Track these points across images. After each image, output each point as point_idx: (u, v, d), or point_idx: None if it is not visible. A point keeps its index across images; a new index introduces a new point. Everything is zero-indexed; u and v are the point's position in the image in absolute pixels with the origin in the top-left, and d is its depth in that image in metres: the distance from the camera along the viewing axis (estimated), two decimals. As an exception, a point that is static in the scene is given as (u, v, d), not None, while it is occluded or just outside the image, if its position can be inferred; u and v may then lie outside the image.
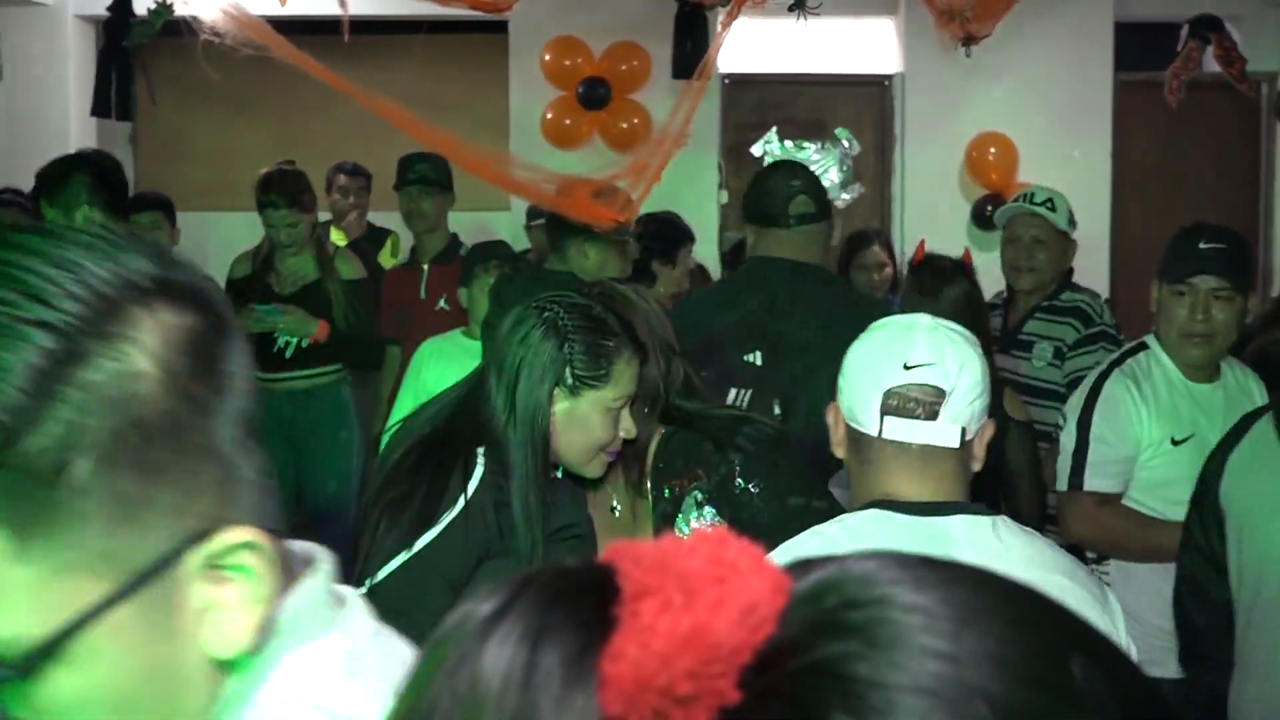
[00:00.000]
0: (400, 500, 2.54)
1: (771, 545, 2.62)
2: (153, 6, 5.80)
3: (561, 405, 2.60)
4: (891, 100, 8.81)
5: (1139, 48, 8.59)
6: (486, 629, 0.58)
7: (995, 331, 4.81)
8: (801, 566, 0.61)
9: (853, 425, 2.08)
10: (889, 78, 8.82)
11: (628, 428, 2.67)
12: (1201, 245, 3.59)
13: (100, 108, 6.36)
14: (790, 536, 2.26)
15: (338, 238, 7.02)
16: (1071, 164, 8.36)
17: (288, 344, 5.72)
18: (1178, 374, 3.60)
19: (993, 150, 8.40)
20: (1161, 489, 3.55)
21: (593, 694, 0.55)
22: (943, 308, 3.80)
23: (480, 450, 2.58)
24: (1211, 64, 7.29)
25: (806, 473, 2.82)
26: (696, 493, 2.71)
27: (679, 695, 0.55)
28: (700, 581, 0.56)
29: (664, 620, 0.55)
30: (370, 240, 7.23)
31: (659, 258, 5.75)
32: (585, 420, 2.62)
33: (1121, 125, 8.73)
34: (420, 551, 2.51)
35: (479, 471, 2.56)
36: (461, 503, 2.53)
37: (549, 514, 2.62)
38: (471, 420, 2.61)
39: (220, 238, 8.08)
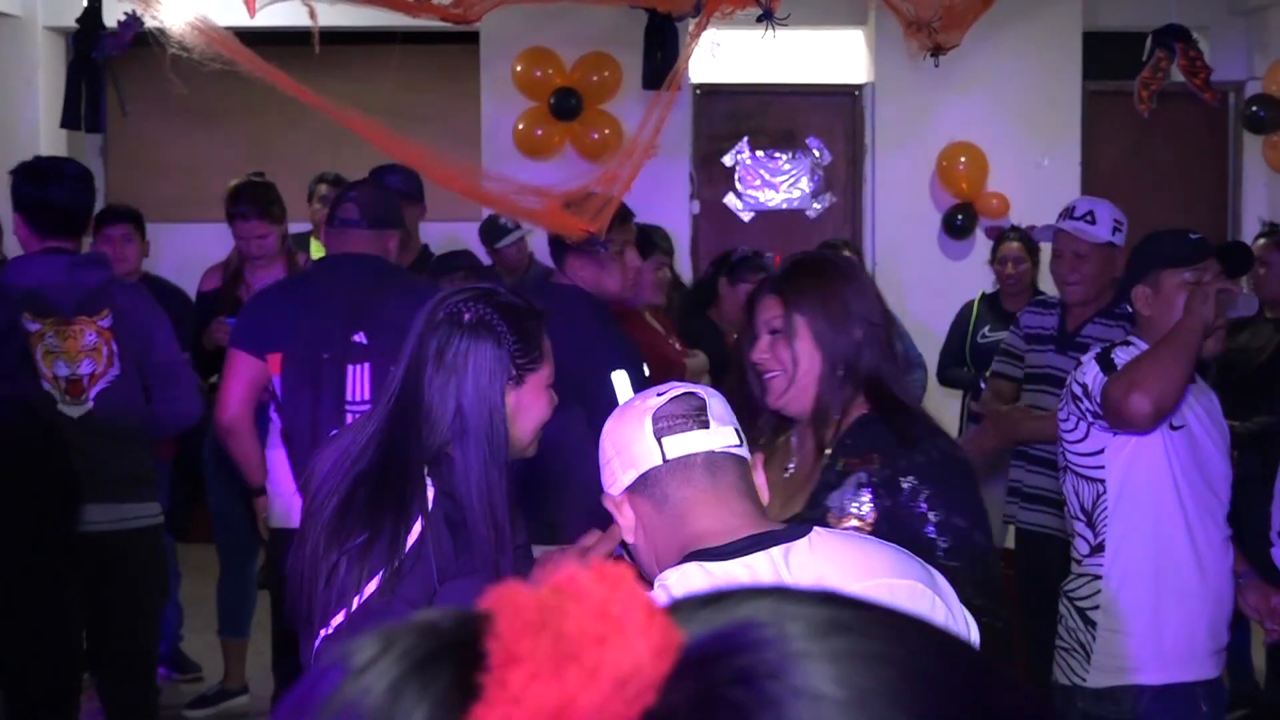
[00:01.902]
0: (367, 544, 2.45)
1: (919, 556, 2.58)
2: (122, 18, 5.78)
3: (509, 399, 2.57)
4: (862, 110, 8.84)
5: (1108, 57, 8.64)
6: (346, 690, 0.55)
7: (1052, 332, 4.88)
8: (698, 607, 0.58)
9: (635, 477, 2.07)
10: (859, 88, 8.86)
11: (553, 397, 2.66)
12: (1192, 236, 3.72)
13: (70, 119, 6.34)
14: (938, 550, 2.56)
15: (319, 251, 6.99)
16: (1041, 173, 8.41)
17: (259, 355, 5.71)
18: None
19: (963, 160, 8.44)
20: (1160, 474, 3.59)
21: None
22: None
23: (425, 471, 2.53)
24: (1179, 73, 7.34)
25: (978, 504, 2.76)
26: (863, 474, 2.66)
27: None
28: (578, 644, 0.52)
29: (531, 692, 0.52)
30: None
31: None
32: (530, 405, 2.60)
33: (1090, 134, 8.78)
34: (386, 582, 2.45)
35: (430, 490, 2.51)
36: (419, 527, 2.48)
37: (518, 520, 2.60)
38: (412, 444, 2.54)
39: (190, 249, 8.07)
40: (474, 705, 0.53)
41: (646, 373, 4.43)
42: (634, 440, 2.07)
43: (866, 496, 2.66)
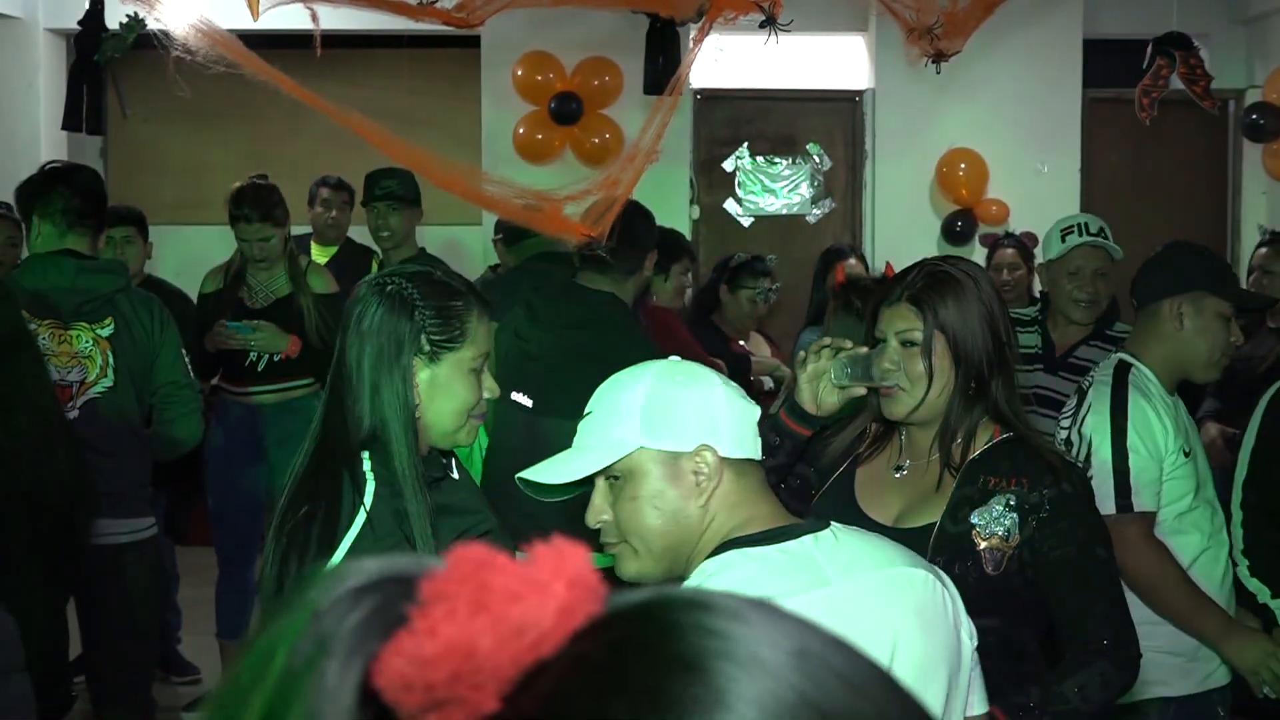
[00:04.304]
0: (304, 522, 2.47)
1: (1059, 583, 2.65)
2: (124, 20, 5.79)
3: (423, 375, 2.57)
4: (862, 116, 8.85)
5: (1108, 64, 8.65)
6: (335, 604, 0.63)
7: (1036, 349, 4.73)
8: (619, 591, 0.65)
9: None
10: (860, 94, 8.86)
11: (490, 387, 2.66)
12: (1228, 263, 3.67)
13: (72, 121, 6.34)
14: (1078, 578, 2.64)
15: (318, 255, 6.98)
16: (1041, 180, 8.42)
17: (259, 357, 5.71)
18: (1163, 389, 3.63)
19: (963, 166, 8.45)
20: (1178, 502, 3.56)
21: (367, 674, 0.61)
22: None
23: (365, 456, 2.53)
24: (1180, 81, 7.35)
25: (1103, 527, 2.79)
26: (1011, 496, 2.67)
27: (438, 697, 0.60)
28: (495, 596, 0.61)
29: (442, 628, 0.60)
30: (350, 257, 7.16)
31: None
32: (448, 385, 2.60)
33: (1090, 141, 8.79)
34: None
35: (371, 483, 2.51)
36: (362, 516, 2.47)
37: (429, 490, 2.55)
38: (343, 425, 2.55)
39: (192, 251, 8.07)
40: (400, 631, 0.61)
41: None
42: None
43: (1014, 518, 2.66)
